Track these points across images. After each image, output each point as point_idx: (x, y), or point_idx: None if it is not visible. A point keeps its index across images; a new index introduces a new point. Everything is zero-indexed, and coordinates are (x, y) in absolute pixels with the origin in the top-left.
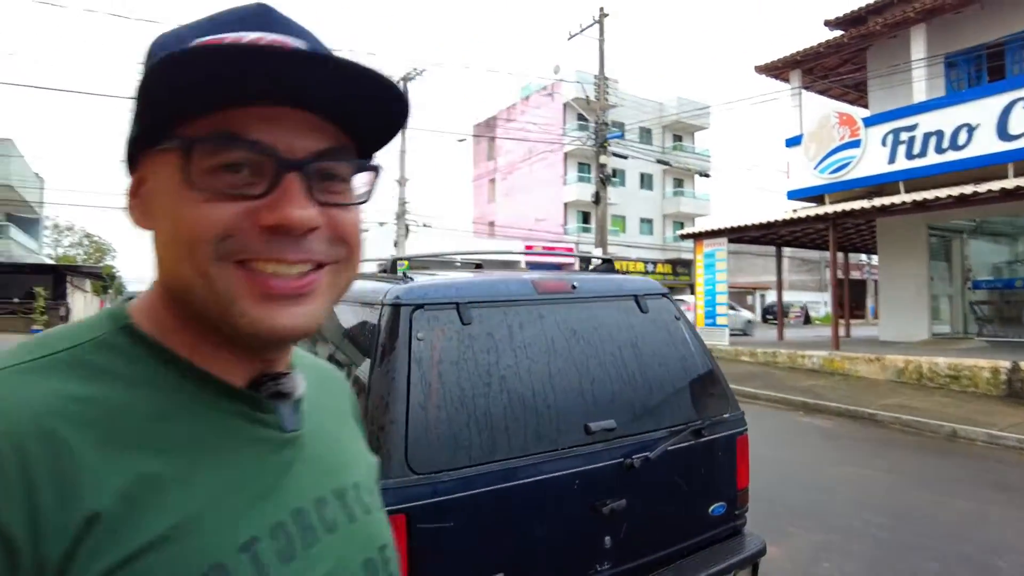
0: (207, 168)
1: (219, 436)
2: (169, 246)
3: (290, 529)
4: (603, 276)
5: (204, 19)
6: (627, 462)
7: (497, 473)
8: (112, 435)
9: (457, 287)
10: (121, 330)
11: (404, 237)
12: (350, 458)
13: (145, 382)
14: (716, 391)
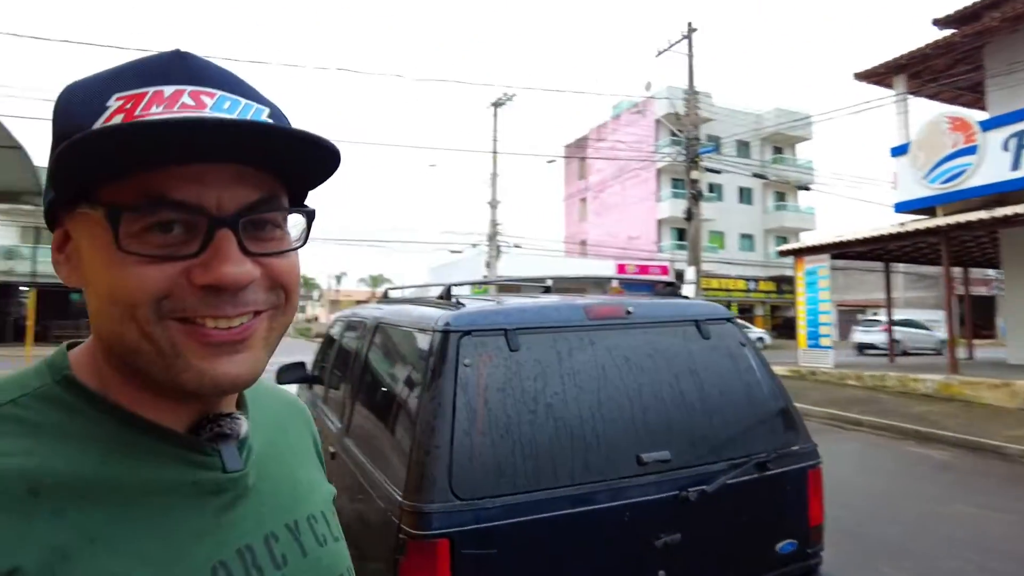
0: (137, 231)
1: (154, 483)
2: (106, 306)
3: (232, 568)
4: (662, 301)
5: (125, 68)
6: (682, 495)
7: (543, 502)
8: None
9: (506, 313)
10: (59, 382)
11: (496, 258)
12: (304, 490)
13: (78, 435)
14: (785, 421)
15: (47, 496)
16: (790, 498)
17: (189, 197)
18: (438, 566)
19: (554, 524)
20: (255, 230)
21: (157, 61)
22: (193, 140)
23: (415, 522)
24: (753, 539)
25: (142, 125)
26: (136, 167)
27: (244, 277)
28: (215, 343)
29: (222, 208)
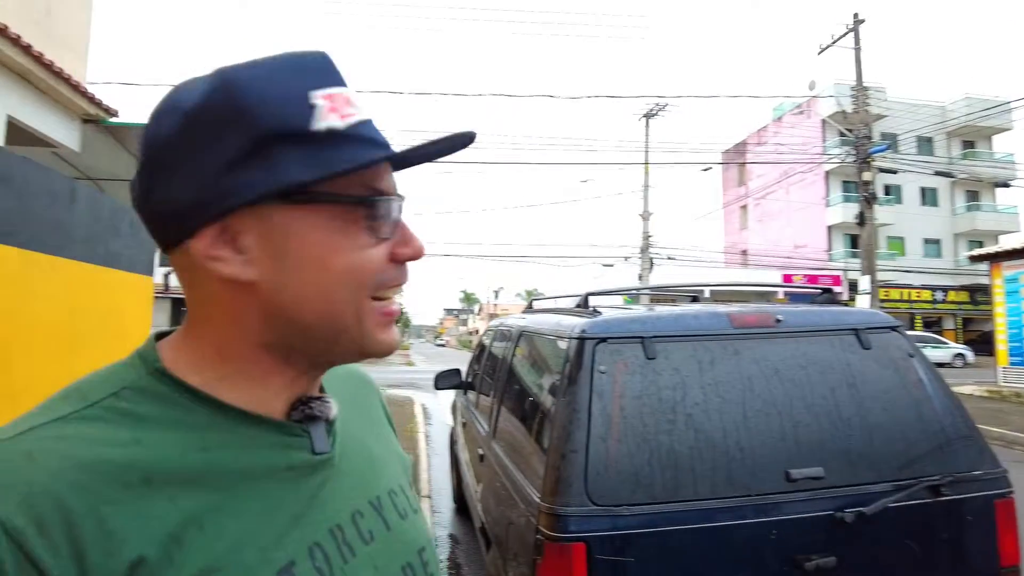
0: (359, 218)
1: (252, 468)
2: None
3: (327, 548)
4: (817, 309)
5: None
6: (838, 515)
7: (682, 513)
8: (154, 479)
9: (643, 321)
10: (152, 374)
11: (648, 271)
12: (382, 465)
13: (179, 424)
14: (964, 443)
15: (159, 485)
16: (973, 530)
17: (389, 188)
18: (574, 569)
19: (694, 537)
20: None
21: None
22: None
23: (552, 524)
24: (927, 572)
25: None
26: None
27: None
28: (391, 317)
29: (397, 191)
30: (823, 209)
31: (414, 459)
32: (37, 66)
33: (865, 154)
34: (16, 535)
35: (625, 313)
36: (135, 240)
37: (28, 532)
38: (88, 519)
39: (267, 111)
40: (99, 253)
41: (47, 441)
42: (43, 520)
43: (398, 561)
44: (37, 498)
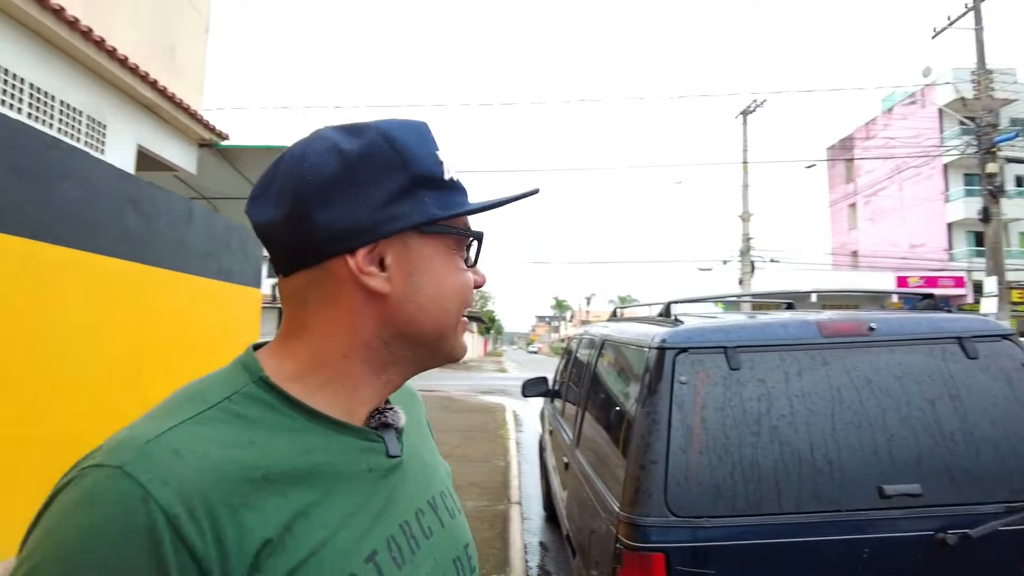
0: (461, 249)
1: (344, 470)
2: (443, 305)
3: (399, 540)
4: (916, 315)
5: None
6: (938, 536)
7: (765, 528)
8: (270, 478)
9: (727, 330)
10: (257, 383)
11: (749, 275)
12: (433, 470)
13: (283, 429)
14: None
15: (274, 483)
16: None
17: (475, 229)
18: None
19: (779, 552)
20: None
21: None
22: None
23: (631, 534)
24: None
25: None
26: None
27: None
28: (463, 331)
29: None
30: (942, 205)
31: (505, 465)
32: (163, 99)
33: (989, 143)
34: (174, 520)
35: (708, 322)
36: (244, 255)
37: (183, 519)
38: (225, 510)
39: (421, 161)
40: (212, 268)
41: (187, 441)
42: (194, 509)
43: (451, 555)
44: (188, 491)
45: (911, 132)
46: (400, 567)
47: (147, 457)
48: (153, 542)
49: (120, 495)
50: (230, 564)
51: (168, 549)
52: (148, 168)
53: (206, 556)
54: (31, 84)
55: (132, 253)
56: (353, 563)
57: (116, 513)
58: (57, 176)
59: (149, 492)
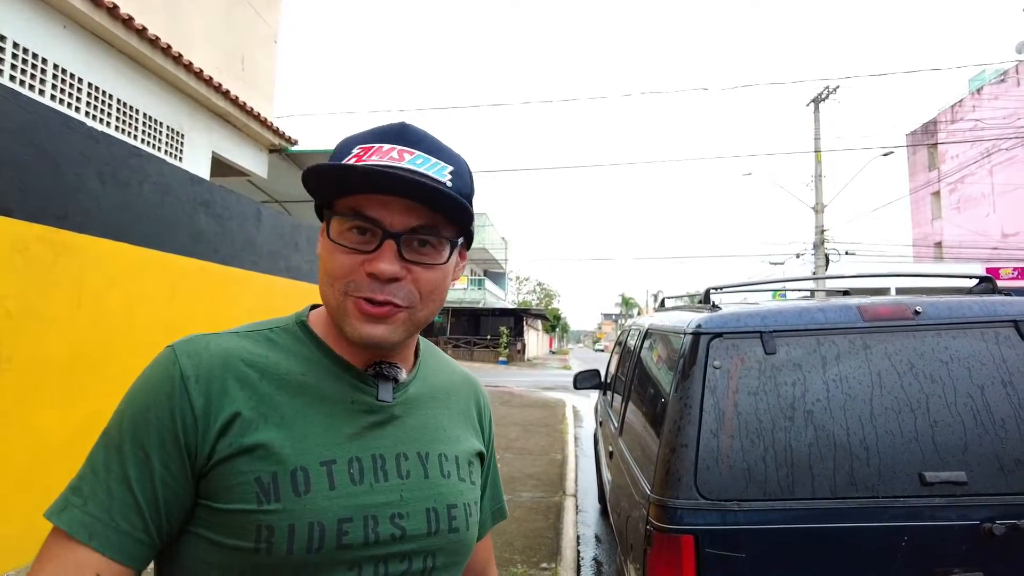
0: (338, 229)
1: (332, 394)
2: (321, 277)
3: (364, 464)
4: (966, 299)
5: (372, 130)
6: (985, 527)
7: (798, 513)
8: (264, 376)
9: (763, 316)
10: (298, 323)
11: (824, 268)
12: (445, 436)
13: (298, 354)
14: None
15: (267, 380)
16: None
17: (375, 214)
18: (683, 562)
19: (813, 537)
20: (417, 245)
21: (388, 128)
22: (375, 180)
23: (661, 516)
24: None
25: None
26: (348, 192)
27: (389, 271)
28: (366, 314)
29: (393, 226)
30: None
31: (562, 459)
32: (235, 108)
33: None
34: (185, 380)
35: (745, 308)
36: (311, 253)
37: (191, 380)
38: (217, 383)
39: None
40: (281, 266)
41: (221, 341)
42: (199, 376)
43: (424, 503)
44: (200, 365)
45: (1003, 112)
46: (355, 483)
47: (189, 342)
48: (171, 387)
49: (165, 359)
50: (210, 416)
51: (178, 394)
52: (222, 174)
53: (199, 405)
54: (118, 99)
55: (205, 252)
56: (308, 460)
57: (159, 370)
58: (137, 182)
59: (178, 359)
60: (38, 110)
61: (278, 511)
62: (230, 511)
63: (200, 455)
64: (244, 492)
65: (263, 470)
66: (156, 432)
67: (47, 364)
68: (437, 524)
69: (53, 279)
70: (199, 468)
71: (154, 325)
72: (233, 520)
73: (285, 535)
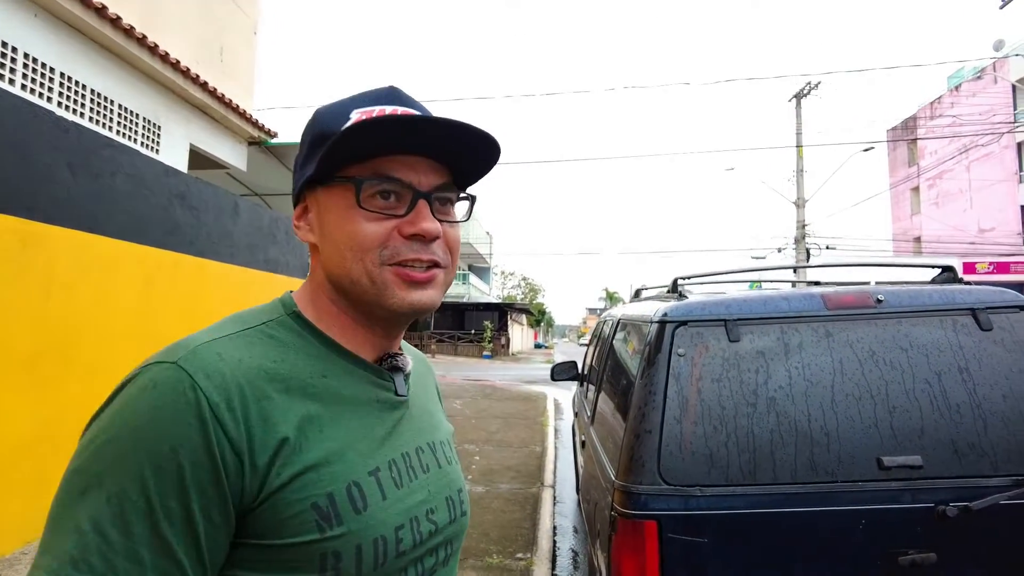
0: (368, 196)
1: (357, 395)
2: (344, 252)
3: (400, 465)
4: (928, 288)
5: (357, 95)
6: (939, 509)
7: (759, 497)
8: (291, 388)
9: (727, 304)
10: (291, 315)
11: (804, 262)
12: (436, 423)
13: (310, 353)
14: None
15: (294, 393)
16: None
17: (404, 176)
18: (646, 546)
19: (773, 521)
20: (439, 205)
21: (379, 92)
22: (405, 138)
23: (624, 502)
24: None
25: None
26: (372, 155)
27: (435, 229)
28: (413, 282)
29: (422, 185)
30: (1015, 186)
31: (541, 451)
32: (212, 99)
33: None
34: (214, 407)
35: (711, 297)
36: (289, 247)
37: (221, 406)
38: (254, 405)
39: (321, 124)
40: (259, 259)
41: (228, 349)
42: (230, 399)
43: (444, 493)
44: (226, 385)
45: (981, 110)
46: (398, 487)
47: (196, 356)
48: (201, 420)
49: (175, 382)
50: (255, 450)
51: (211, 427)
52: (201, 166)
53: (238, 437)
54: (92, 90)
55: (180, 245)
56: (358, 473)
57: (173, 396)
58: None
59: (196, 382)
60: (3, 99)
61: (343, 535)
62: (288, 545)
63: (247, 495)
64: (303, 522)
65: (318, 494)
66: (192, 477)
67: (13, 356)
68: (455, 511)
69: (20, 270)
70: (245, 508)
71: (128, 317)
72: (291, 554)
73: (353, 558)
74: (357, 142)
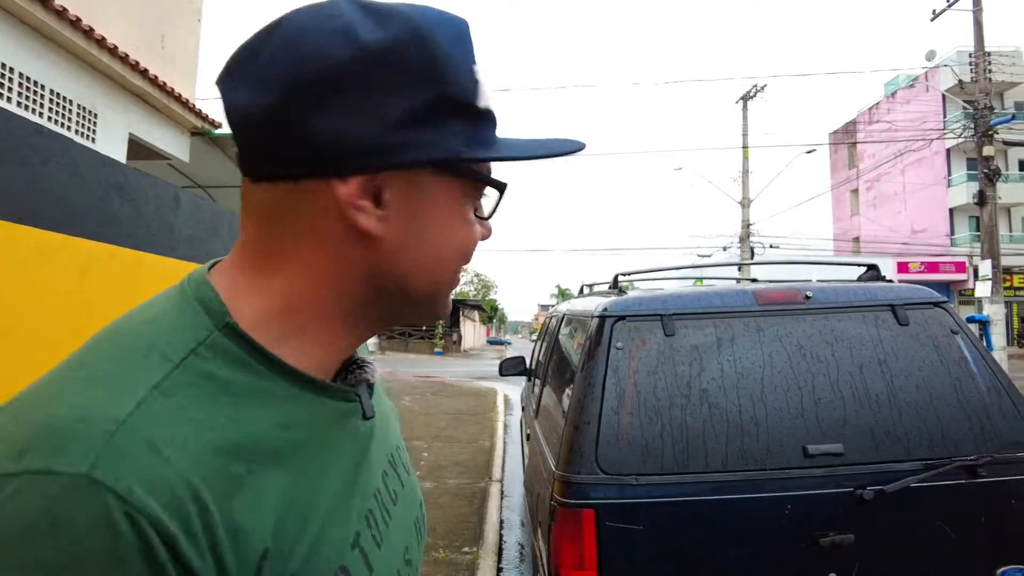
0: (476, 197)
1: (324, 443)
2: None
3: (376, 514)
4: (852, 285)
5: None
6: (857, 493)
7: (692, 485)
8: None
9: (664, 300)
10: (223, 330)
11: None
12: (390, 420)
13: (260, 396)
14: (1010, 423)
15: (258, 471)
16: (1018, 514)
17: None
18: (584, 535)
19: (705, 508)
20: None
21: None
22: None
23: (563, 491)
24: (960, 555)
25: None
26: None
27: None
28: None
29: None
30: (944, 190)
31: (490, 446)
32: (153, 87)
33: (986, 126)
34: (170, 543)
35: (649, 293)
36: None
37: (179, 538)
38: (219, 516)
39: (455, 76)
40: (201, 252)
41: (162, 426)
42: (188, 520)
43: (411, 517)
44: (179, 497)
45: (914, 116)
46: (379, 546)
47: (120, 457)
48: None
49: (97, 516)
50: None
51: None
52: (141, 157)
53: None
54: (20, 74)
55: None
56: (343, 553)
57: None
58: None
59: (136, 508)
60: None
61: None
62: None
63: None
64: None
65: None
66: None
67: None
68: (421, 532)
69: None
70: None
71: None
72: None
73: None
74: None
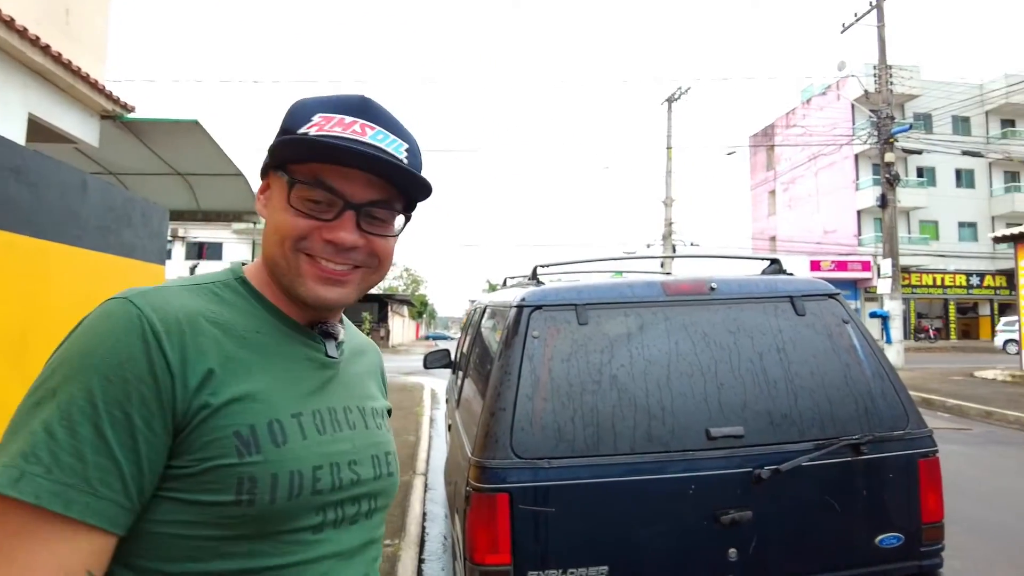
0: (299, 195)
1: (289, 350)
2: (271, 234)
3: (324, 416)
4: (754, 278)
5: (329, 98)
6: (755, 473)
7: (601, 467)
8: (226, 333)
9: (579, 290)
10: (237, 279)
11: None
12: (369, 394)
13: (249, 311)
14: (890, 405)
15: (229, 337)
16: (895, 488)
17: (338, 185)
18: (498, 519)
19: (613, 489)
20: (371, 217)
21: (349, 99)
22: (341, 155)
23: (479, 476)
24: (845, 528)
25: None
26: (310, 160)
27: (350, 242)
28: (324, 276)
29: (354, 198)
30: (853, 193)
31: (415, 440)
32: (56, 65)
33: (887, 134)
34: (157, 335)
35: (565, 284)
36: (146, 230)
37: (163, 336)
38: (190, 337)
39: (288, 118)
40: (111, 242)
41: (175, 295)
42: (170, 332)
43: (370, 451)
44: (168, 320)
45: (826, 123)
46: (320, 433)
47: (146, 295)
48: (145, 342)
49: (126, 312)
50: (187, 373)
51: (154, 349)
52: (44, 139)
53: (175, 360)
54: None
55: (15, 224)
56: (280, 413)
57: (123, 322)
58: None
59: (143, 312)
60: None
61: (260, 462)
62: (209, 467)
63: (179, 413)
64: (223, 447)
65: (240, 424)
66: (136, 389)
67: None
68: (380, 469)
69: None
70: (177, 426)
71: None
72: (212, 476)
73: (268, 485)
74: (293, 151)
